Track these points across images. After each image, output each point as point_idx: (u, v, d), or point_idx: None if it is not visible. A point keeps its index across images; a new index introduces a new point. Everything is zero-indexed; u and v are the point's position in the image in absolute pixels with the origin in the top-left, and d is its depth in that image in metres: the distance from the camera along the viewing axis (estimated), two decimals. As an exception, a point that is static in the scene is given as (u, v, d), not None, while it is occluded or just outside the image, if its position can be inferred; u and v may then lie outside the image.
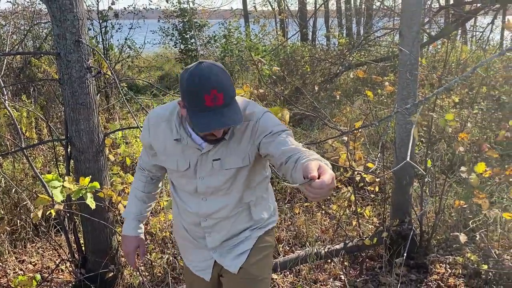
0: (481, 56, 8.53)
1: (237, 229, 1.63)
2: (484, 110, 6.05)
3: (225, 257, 1.65)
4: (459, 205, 2.35)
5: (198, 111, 1.31)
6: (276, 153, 1.37)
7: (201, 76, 1.29)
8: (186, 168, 1.52)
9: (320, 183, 1.04)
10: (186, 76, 1.32)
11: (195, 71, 1.31)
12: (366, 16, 13.11)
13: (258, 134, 1.46)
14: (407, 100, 2.75)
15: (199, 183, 1.53)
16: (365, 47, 8.85)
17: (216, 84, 1.29)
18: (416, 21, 2.69)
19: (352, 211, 3.36)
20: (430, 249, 2.98)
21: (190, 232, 1.66)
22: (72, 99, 2.37)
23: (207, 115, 1.30)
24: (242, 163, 1.51)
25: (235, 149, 1.50)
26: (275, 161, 1.39)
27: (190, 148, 1.50)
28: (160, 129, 1.53)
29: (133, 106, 7.48)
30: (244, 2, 14.69)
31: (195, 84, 1.29)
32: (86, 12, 2.29)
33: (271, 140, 1.41)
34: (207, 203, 1.57)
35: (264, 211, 1.69)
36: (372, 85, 7.51)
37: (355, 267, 2.98)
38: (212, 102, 1.29)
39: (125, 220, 1.78)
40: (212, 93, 1.28)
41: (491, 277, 2.69)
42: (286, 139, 1.40)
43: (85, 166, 2.50)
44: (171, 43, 11.11)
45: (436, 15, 8.07)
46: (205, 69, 1.31)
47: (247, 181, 1.57)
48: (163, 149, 1.54)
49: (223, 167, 1.51)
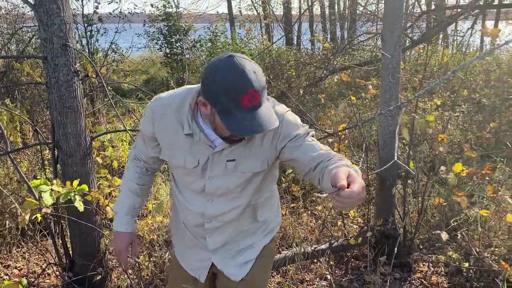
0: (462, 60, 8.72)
1: (240, 230, 1.54)
2: (465, 112, 6.19)
3: (227, 264, 1.56)
4: (439, 203, 2.41)
5: (232, 112, 1.18)
6: (304, 159, 1.29)
7: (237, 74, 1.15)
8: (194, 166, 1.39)
9: (349, 193, 0.99)
10: (218, 72, 1.17)
11: (229, 67, 1.16)
12: (349, 20, 13.28)
13: (282, 138, 1.35)
14: (390, 102, 2.82)
15: (208, 183, 1.41)
16: (348, 52, 8.98)
17: (254, 83, 1.15)
18: (398, 26, 2.76)
19: (337, 212, 3.41)
20: (413, 248, 3.05)
21: (191, 230, 1.56)
22: (59, 102, 2.38)
23: (245, 117, 1.17)
24: (260, 168, 1.39)
25: (253, 152, 1.38)
26: (302, 167, 1.31)
27: (202, 144, 1.36)
28: (167, 120, 1.38)
29: (119, 109, 7.46)
30: (230, 6, 14.74)
31: (231, 83, 1.15)
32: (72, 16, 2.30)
33: (298, 145, 1.32)
34: (214, 205, 1.45)
35: (269, 211, 1.59)
36: (356, 89, 7.63)
37: (341, 267, 3.03)
38: (249, 103, 1.16)
39: (116, 215, 1.64)
40: (250, 92, 1.15)
41: (472, 274, 2.76)
42: (313, 143, 1.32)
43: (72, 169, 2.50)
44: (156, 47, 11.10)
45: (418, 19, 8.23)
46: (240, 65, 1.16)
47: (259, 184, 1.46)
48: (169, 143, 1.41)
49: (238, 169, 1.38)
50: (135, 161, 1.62)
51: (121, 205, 1.63)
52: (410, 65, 7.99)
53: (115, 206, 1.65)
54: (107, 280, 2.74)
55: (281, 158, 1.41)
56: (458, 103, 6.56)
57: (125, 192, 1.63)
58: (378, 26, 9.98)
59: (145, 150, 1.56)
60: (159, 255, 2.95)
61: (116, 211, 1.64)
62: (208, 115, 1.28)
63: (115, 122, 6.52)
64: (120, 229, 1.63)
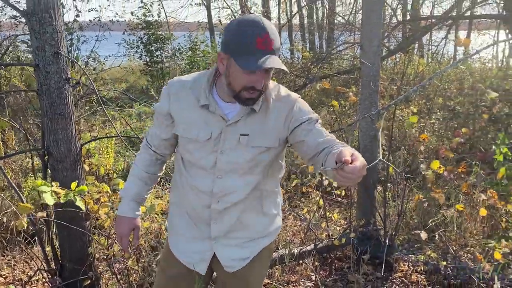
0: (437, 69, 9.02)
1: (245, 219, 1.57)
2: (441, 119, 6.41)
3: (227, 254, 1.59)
4: (418, 199, 2.54)
5: (246, 53, 1.27)
6: (312, 144, 1.40)
7: (254, 21, 1.27)
8: (207, 138, 1.45)
9: (352, 168, 1.09)
10: (236, 21, 1.30)
11: (247, 17, 1.30)
12: (328, 30, 13.55)
13: (295, 120, 1.45)
14: (370, 109, 2.95)
15: (220, 157, 1.46)
16: (328, 61, 9.18)
17: (269, 29, 1.27)
18: (376, 35, 2.90)
19: (321, 215, 3.52)
20: (394, 248, 3.17)
21: (194, 218, 1.59)
22: (50, 109, 2.42)
23: (257, 57, 1.26)
24: (272, 143, 1.47)
25: (266, 128, 1.46)
26: (309, 151, 1.42)
27: (216, 116, 1.44)
28: (183, 95, 1.47)
29: (100, 118, 7.45)
30: (209, 15, 14.87)
31: (247, 27, 1.27)
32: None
33: (310, 129, 1.43)
34: (223, 181, 1.49)
35: (274, 207, 1.65)
36: (335, 97, 7.80)
37: (325, 268, 3.12)
38: (263, 45, 1.26)
39: (122, 200, 1.67)
40: (264, 37, 1.26)
41: (449, 272, 2.89)
42: (321, 129, 1.44)
43: (62, 175, 2.54)
44: (136, 56, 11.11)
45: (394, 29, 8.50)
46: (257, 16, 1.30)
47: (268, 165, 1.52)
48: (184, 117, 1.48)
49: (250, 143, 1.45)
50: (146, 148, 1.67)
51: (128, 190, 1.67)
52: (387, 74, 8.23)
53: (122, 191, 1.69)
54: (97, 285, 2.76)
55: (291, 139, 1.49)
56: (433, 110, 6.80)
57: (134, 178, 1.67)
58: (355, 36, 10.23)
59: (158, 132, 1.60)
60: (147, 260, 2.99)
61: (123, 196, 1.67)
62: (224, 71, 1.37)
63: (97, 130, 6.52)
64: (124, 214, 1.66)
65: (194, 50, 10.47)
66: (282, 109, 1.46)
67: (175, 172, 1.65)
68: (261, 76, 1.33)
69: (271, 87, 1.49)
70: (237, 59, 1.29)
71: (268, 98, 1.47)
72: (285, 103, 1.47)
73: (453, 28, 10.83)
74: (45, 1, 2.28)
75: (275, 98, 1.48)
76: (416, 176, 4.20)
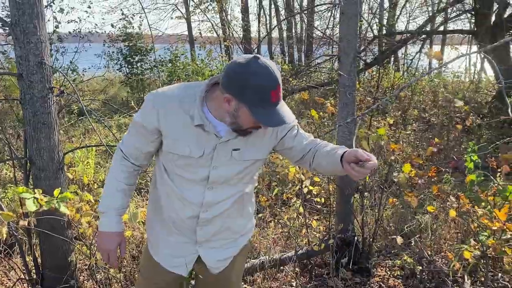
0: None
1: (229, 222, 1.62)
2: (416, 130, 6.60)
3: (211, 256, 1.64)
4: (392, 202, 2.63)
5: (261, 106, 1.31)
6: (299, 147, 1.57)
7: (268, 73, 1.30)
8: (199, 155, 1.46)
9: (373, 164, 1.31)
10: (250, 72, 1.29)
11: (260, 67, 1.30)
12: (306, 43, 13.79)
13: (282, 128, 1.55)
14: (347, 118, 3.06)
15: (212, 172, 1.49)
16: (306, 73, 9.35)
17: (279, 80, 1.33)
18: (353, 48, 3.02)
19: (301, 222, 3.59)
20: (371, 254, 3.25)
21: (177, 225, 1.60)
22: (33, 118, 2.44)
23: (273, 111, 1.33)
24: (261, 155, 1.54)
25: (258, 140, 1.51)
26: (296, 154, 1.59)
27: (209, 135, 1.45)
28: (172, 111, 1.44)
29: (79, 129, 7.40)
30: (189, 27, 14.97)
31: (264, 80, 1.29)
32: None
33: (294, 135, 1.58)
34: (214, 192, 1.52)
35: (251, 207, 1.73)
36: (314, 108, 7.94)
37: (305, 274, 3.18)
38: (276, 98, 1.33)
39: (104, 215, 1.61)
40: (277, 88, 1.32)
41: (425, 276, 2.99)
42: (302, 132, 1.61)
43: (45, 183, 2.55)
44: (116, 67, 11.08)
45: (370, 43, 8.73)
46: (268, 65, 1.31)
47: (254, 173, 1.61)
48: (176, 134, 1.45)
49: (242, 157, 1.50)
50: (123, 160, 1.60)
51: (109, 204, 1.61)
52: (364, 86, 8.43)
53: (101, 206, 1.61)
54: (78, 293, 2.76)
55: (278, 146, 1.59)
56: (409, 122, 7.00)
57: (113, 192, 1.60)
58: (333, 49, 10.46)
59: (137, 144, 1.55)
60: (128, 269, 3.00)
61: (104, 211, 1.61)
62: (231, 111, 1.37)
63: (75, 142, 6.48)
64: (111, 229, 1.61)
65: (174, 62, 10.52)
66: None
67: (156, 180, 1.63)
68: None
69: None
70: (253, 110, 1.32)
71: None
72: None
73: (427, 43, 11.18)
74: (29, 12, 2.32)
75: None
76: (392, 184, 4.32)
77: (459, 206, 2.42)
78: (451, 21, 10.61)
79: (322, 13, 11.85)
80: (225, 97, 1.35)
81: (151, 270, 1.71)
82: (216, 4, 13.26)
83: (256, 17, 16.17)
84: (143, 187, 4.46)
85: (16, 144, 5.07)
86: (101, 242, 1.63)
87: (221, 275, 1.69)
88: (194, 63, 10.60)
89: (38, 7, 2.36)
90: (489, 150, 3.74)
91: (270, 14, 16.03)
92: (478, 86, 9.67)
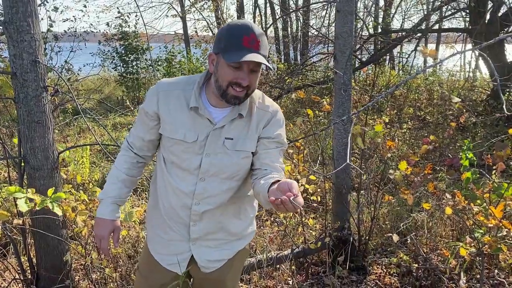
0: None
1: (224, 222, 1.61)
2: (411, 129, 6.62)
3: (203, 255, 1.63)
4: (388, 200, 2.64)
5: (233, 50, 1.35)
6: (260, 159, 1.51)
7: (244, 23, 1.38)
8: (193, 141, 1.48)
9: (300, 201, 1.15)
10: (227, 24, 1.41)
11: (237, 21, 1.41)
12: (302, 42, 13.79)
13: (266, 130, 1.54)
14: (343, 116, 3.06)
15: (204, 160, 1.50)
16: (302, 72, 9.35)
17: (256, 31, 1.36)
18: (348, 47, 3.02)
19: (297, 220, 3.59)
20: (368, 252, 3.26)
21: (172, 221, 1.61)
22: (28, 117, 2.42)
23: (243, 53, 1.34)
24: (252, 148, 1.53)
25: (250, 133, 1.52)
26: (255, 163, 1.53)
27: (203, 119, 1.48)
28: (172, 96, 1.51)
29: (75, 128, 7.38)
30: (185, 26, 14.93)
31: (236, 26, 1.37)
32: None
33: (269, 147, 1.53)
34: (205, 184, 1.53)
35: (251, 211, 1.72)
36: (310, 107, 7.95)
37: (301, 273, 3.18)
38: (249, 44, 1.34)
39: (101, 202, 1.67)
40: (251, 36, 1.35)
41: (421, 274, 3.00)
42: (278, 154, 1.55)
43: (40, 183, 2.53)
44: (111, 66, 11.04)
45: (366, 42, 8.74)
46: (246, 21, 1.40)
47: (247, 173, 1.58)
48: (172, 117, 1.50)
49: (234, 147, 1.50)
50: (127, 150, 1.67)
51: (108, 193, 1.66)
52: (359, 85, 8.44)
53: (100, 194, 1.67)
54: (74, 293, 2.75)
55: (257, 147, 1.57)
56: (404, 120, 7.01)
57: (114, 180, 1.66)
58: (329, 47, 10.46)
59: (141, 133, 1.61)
60: (124, 269, 2.99)
61: (102, 198, 1.67)
62: (214, 71, 1.44)
63: (70, 141, 6.45)
64: (104, 216, 1.65)
65: (170, 61, 10.49)
66: (263, 117, 1.54)
67: (156, 174, 1.67)
68: (246, 72, 1.39)
69: (257, 95, 1.56)
70: (225, 54, 1.36)
71: (252, 105, 1.54)
72: (266, 112, 1.55)
73: (422, 41, 11.21)
74: (23, 10, 2.30)
75: (259, 106, 1.55)
76: (387, 182, 4.33)
77: (455, 203, 2.43)
78: (446, 20, 10.63)
79: (317, 11, 11.86)
80: (209, 58, 1.45)
81: (149, 267, 1.72)
82: (212, 3, 13.23)
83: (251, 16, 16.15)
84: (139, 186, 4.44)
85: (10, 144, 5.04)
86: (95, 228, 1.68)
87: (215, 279, 1.67)
88: (190, 61, 10.58)
89: (32, 5, 2.34)
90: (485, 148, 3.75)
91: (266, 13, 16.03)
92: (473, 84, 9.70)
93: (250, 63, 1.38)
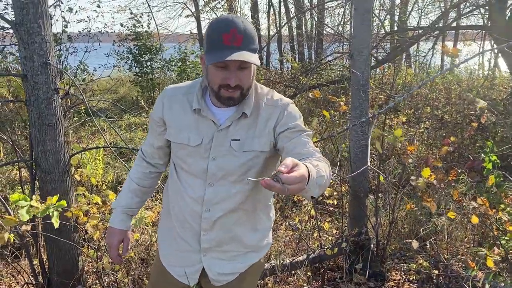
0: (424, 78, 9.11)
1: (237, 232, 1.53)
2: (429, 129, 6.47)
3: (215, 266, 1.55)
4: (410, 208, 2.54)
5: (214, 50, 1.29)
6: (291, 152, 1.34)
7: (224, 19, 1.30)
8: (197, 144, 1.43)
9: (286, 178, 0.92)
10: (210, 25, 1.34)
11: (218, 18, 1.33)
12: (317, 41, 13.67)
13: (281, 125, 1.43)
14: (360, 118, 2.96)
15: (211, 164, 1.44)
16: (317, 71, 9.25)
17: (238, 26, 1.28)
18: (366, 46, 2.93)
19: (313, 225, 3.51)
20: (386, 257, 3.16)
21: (182, 229, 1.55)
22: (38, 120, 2.39)
23: (223, 53, 1.27)
24: (263, 147, 1.43)
25: (258, 132, 1.44)
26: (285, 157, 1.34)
27: (207, 121, 1.43)
28: (177, 100, 1.49)
29: (89, 129, 7.39)
30: (199, 26, 14.94)
31: (216, 24, 1.30)
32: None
33: (291, 137, 1.39)
34: (214, 189, 1.46)
35: (267, 221, 1.62)
36: (325, 107, 7.85)
37: (317, 278, 3.10)
38: (229, 42, 1.27)
39: (114, 211, 1.68)
40: (231, 32, 1.27)
41: (441, 281, 2.89)
42: (306, 140, 1.37)
43: (51, 186, 2.50)
44: (125, 67, 11.06)
45: (382, 40, 8.59)
46: (230, 15, 1.32)
47: (260, 173, 1.47)
48: (176, 121, 1.48)
49: (242, 148, 1.42)
50: (141, 159, 1.68)
51: (119, 202, 1.68)
52: (376, 84, 8.30)
53: (113, 202, 1.69)
54: (86, 298, 2.71)
55: (278, 144, 1.45)
56: (422, 119, 6.86)
57: (126, 190, 1.69)
58: (344, 46, 10.33)
59: (151, 140, 1.62)
60: (137, 273, 2.95)
61: (114, 207, 1.68)
62: (205, 74, 1.39)
63: (84, 142, 6.46)
64: (114, 225, 1.67)
65: (184, 61, 10.47)
66: (273, 113, 1.45)
67: (168, 183, 1.63)
68: (233, 72, 1.32)
69: (265, 92, 1.48)
70: (206, 56, 1.31)
71: (259, 102, 1.46)
72: (276, 107, 1.46)
73: (439, 39, 11.00)
74: (33, 11, 2.27)
75: (267, 103, 1.46)
76: (406, 184, 4.22)
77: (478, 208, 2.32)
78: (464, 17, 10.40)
79: (332, 10, 11.73)
80: (201, 60, 1.42)
81: (159, 277, 1.67)
82: (225, 2, 13.19)
83: (265, 14, 16.08)
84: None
85: (24, 146, 5.06)
86: (107, 236, 1.71)
87: None
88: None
89: (43, 6, 2.30)
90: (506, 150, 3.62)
91: (280, 12, 15.93)
92: (492, 83, 9.47)
93: (235, 61, 1.30)
